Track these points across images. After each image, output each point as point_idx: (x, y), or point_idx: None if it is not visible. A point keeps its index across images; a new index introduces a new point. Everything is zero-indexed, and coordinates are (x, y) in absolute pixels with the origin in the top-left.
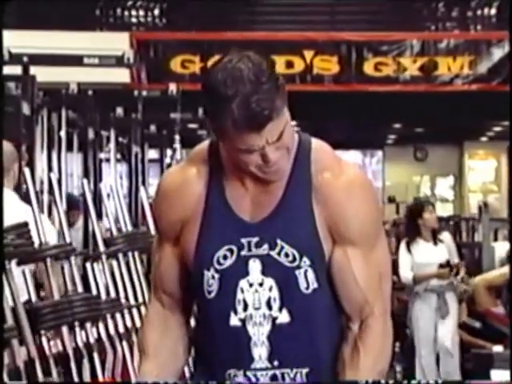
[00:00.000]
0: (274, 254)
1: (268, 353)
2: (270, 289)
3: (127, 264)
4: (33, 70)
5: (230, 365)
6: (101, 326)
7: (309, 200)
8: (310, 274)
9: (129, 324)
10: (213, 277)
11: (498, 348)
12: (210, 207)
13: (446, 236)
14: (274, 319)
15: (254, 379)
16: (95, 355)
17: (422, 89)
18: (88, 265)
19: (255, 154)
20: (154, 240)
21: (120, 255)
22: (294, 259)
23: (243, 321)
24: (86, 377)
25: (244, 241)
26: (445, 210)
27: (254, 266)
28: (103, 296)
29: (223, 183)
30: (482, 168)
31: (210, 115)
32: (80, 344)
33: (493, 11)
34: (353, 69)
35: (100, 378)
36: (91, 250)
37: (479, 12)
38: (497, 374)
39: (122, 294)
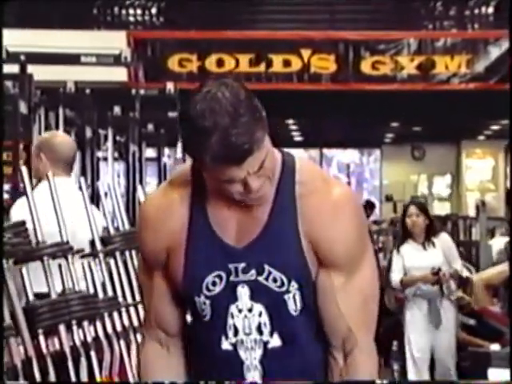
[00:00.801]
0: (261, 279)
1: (261, 377)
2: (260, 314)
3: (124, 263)
4: (30, 68)
5: None
6: (98, 324)
7: (294, 223)
8: (299, 297)
9: (126, 323)
10: (204, 303)
11: (495, 346)
12: (194, 233)
13: (442, 237)
14: (266, 343)
15: None
16: (92, 354)
17: (419, 87)
18: (85, 263)
19: (236, 183)
20: (139, 265)
21: (117, 254)
22: (283, 284)
23: (234, 345)
24: (84, 376)
25: (231, 266)
26: (442, 208)
27: (243, 292)
28: (100, 295)
29: (206, 206)
30: (479, 167)
31: (189, 147)
32: (77, 343)
33: (490, 10)
34: (350, 68)
35: (97, 377)
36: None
37: (476, 11)
38: (494, 373)
39: (119, 293)
